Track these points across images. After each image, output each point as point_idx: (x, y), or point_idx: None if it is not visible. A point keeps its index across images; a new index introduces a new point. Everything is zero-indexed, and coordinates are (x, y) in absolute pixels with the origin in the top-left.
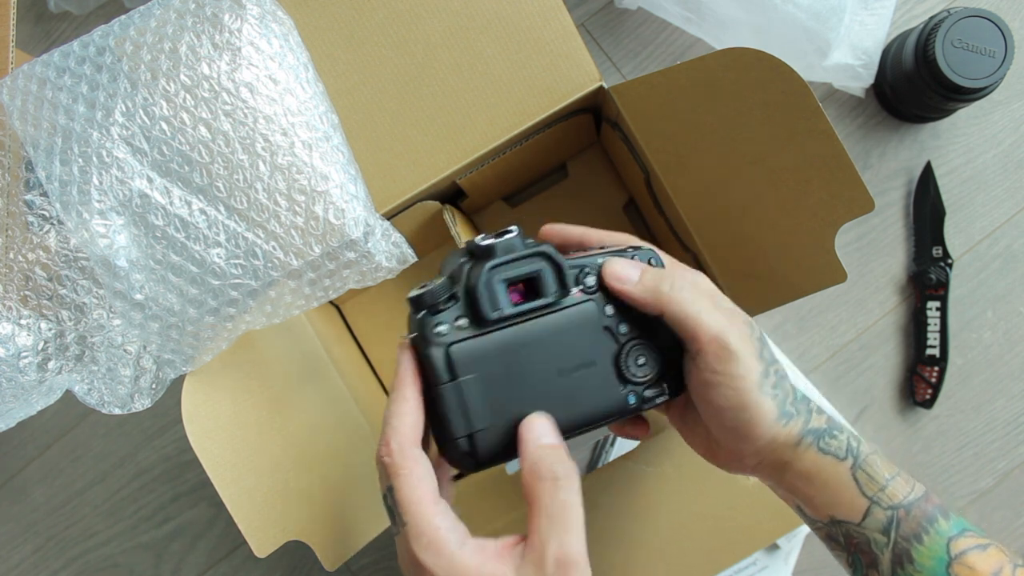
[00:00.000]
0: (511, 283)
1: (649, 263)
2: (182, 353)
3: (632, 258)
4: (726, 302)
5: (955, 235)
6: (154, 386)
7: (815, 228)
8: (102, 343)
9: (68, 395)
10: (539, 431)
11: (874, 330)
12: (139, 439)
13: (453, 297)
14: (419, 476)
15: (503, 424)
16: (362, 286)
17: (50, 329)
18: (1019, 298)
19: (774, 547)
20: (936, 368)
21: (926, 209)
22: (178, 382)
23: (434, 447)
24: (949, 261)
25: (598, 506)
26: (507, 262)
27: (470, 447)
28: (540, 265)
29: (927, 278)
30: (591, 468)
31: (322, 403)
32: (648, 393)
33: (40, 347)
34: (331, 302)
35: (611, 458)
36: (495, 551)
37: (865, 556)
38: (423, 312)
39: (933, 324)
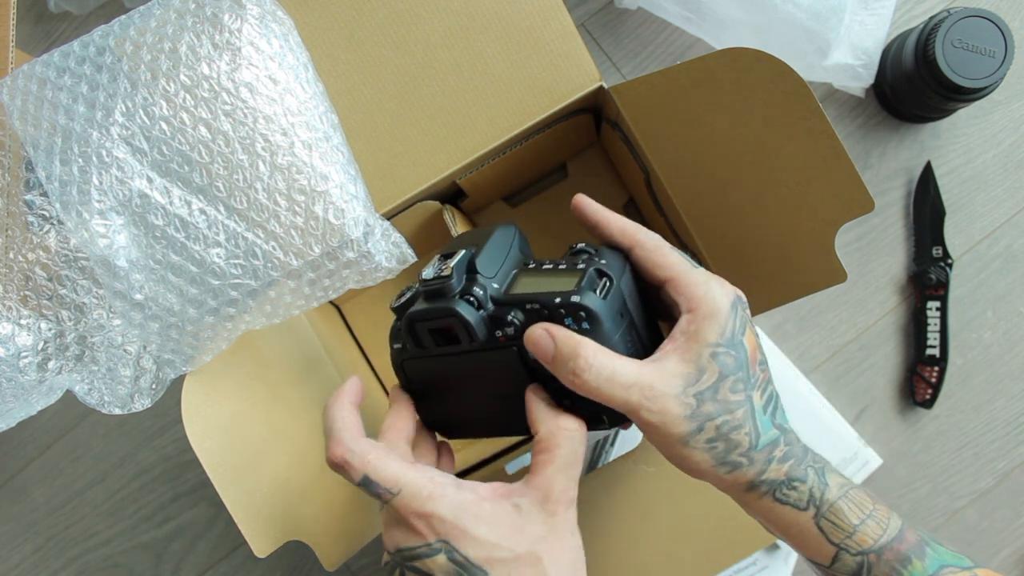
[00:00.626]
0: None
1: (579, 314)
2: (182, 353)
3: (560, 311)
4: (733, 324)
5: (955, 235)
6: (154, 386)
7: (815, 228)
8: (102, 343)
9: (68, 395)
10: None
11: (874, 330)
12: (139, 439)
13: None
14: (384, 454)
15: (458, 417)
16: (362, 286)
17: (50, 329)
18: (1019, 298)
19: (774, 547)
20: (936, 368)
21: (926, 209)
22: (178, 382)
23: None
24: (949, 261)
25: (598, 506)
26: (424, 315)
27: (439, 427)
28: (455, 322)
29: (927, 278)
30: (591, 468)
31: (322, 403)
32: (589, 420)
33: (40, 347)
34: (331, 302)
35: (611, 458)
36: (490, 489)
37: None
38: (393, 323)
39: (933, 324)
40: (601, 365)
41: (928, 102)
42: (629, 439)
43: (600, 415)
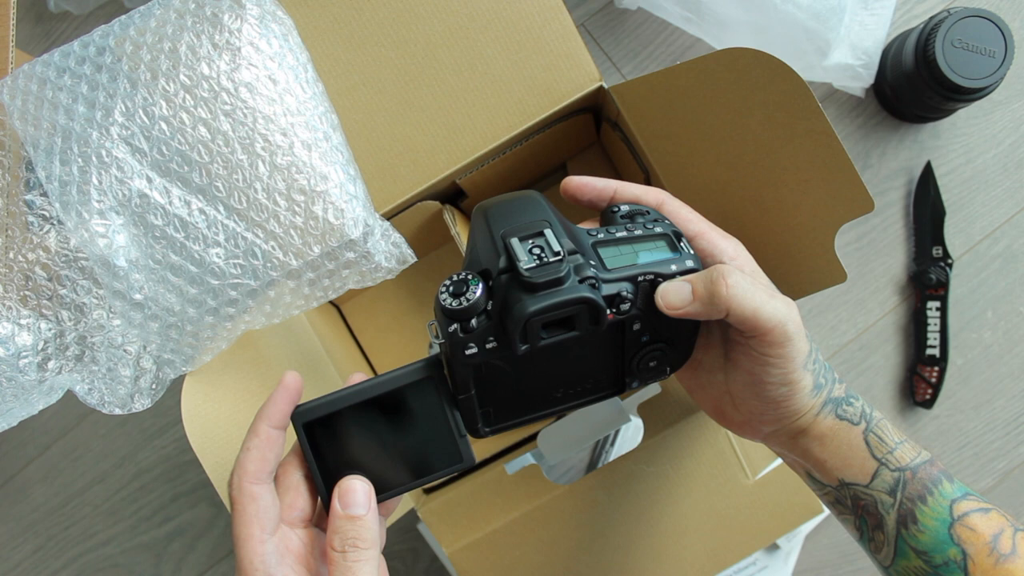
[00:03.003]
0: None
1: (687, 266)
2: (182, 353)
3: (673, 272)
4: (764, 279)
5: (955, 235)
6: (154, 386)
7: (815, 228)
8: (102, 343)
9: (68, 395)
10: (348, 500)
11: (874, 330)
12: (139, 439)
13: (486, 312)
14: (252, 513)
15: (518, 409)
16: (362, 286)
17: (50, 329)
18: (1019, 298)
19: (774, 547)
20: (936, 368)
21: (926, 209)
22: (178, 382)
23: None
24: (949, 261)
25: (598, 506)
26: (549, 309)
27: (496, 413)
28: (580, 309)
29: (927, 278)
30: (591, 468)
31: None
32: (649, 376)
33: (40, 347)
34: (331, 302)
35: (611, 458)
36: None
37: (871, 518)
38: (455, 326)
39: (933, 324)
40: (742, 281)
41: (928, 102)
42: (629, 439)
43: (663, 363)
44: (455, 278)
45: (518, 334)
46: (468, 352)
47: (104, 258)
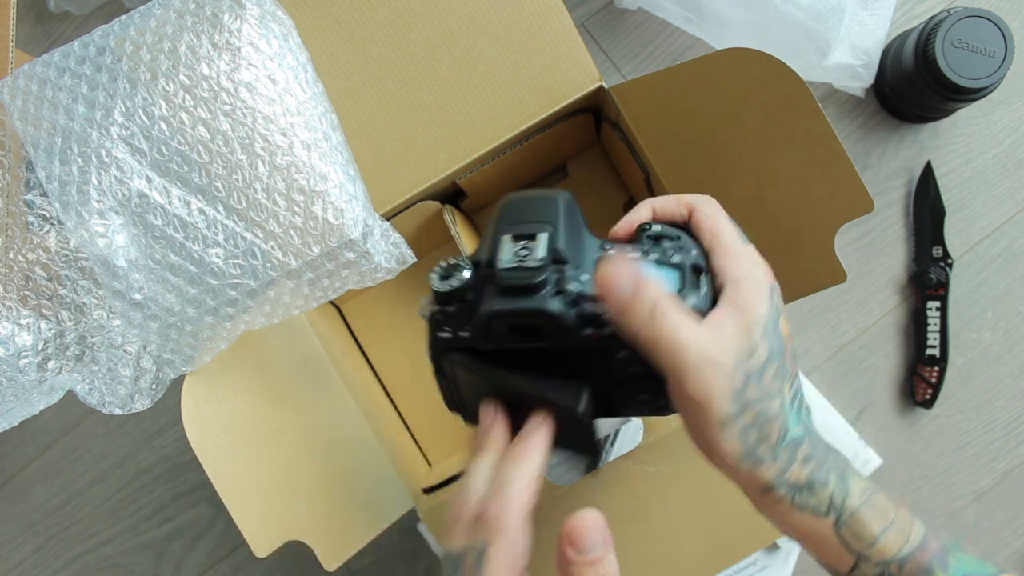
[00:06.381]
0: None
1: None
2: (182, 353)
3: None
4: (767, 316)
5: (955, 235)
6: (154, 386)
7: (815, 228)
8: (102, 343)
9: (68, 395)
10: (583, 543)
11: (874, 330)
12: (139, 439)
13: (467, 301)
14: (518, 553)
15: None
16: (361, 286)
17: (50, 329)
18: (1019, 298)
19: (774, 547)
20: (936, 368)
21: (926, 209)
22: (178, 382)
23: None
24: (949, 261)
25: (598, 506)
26: (510, 315)
27: (464, 414)
28: (543, 321)
29: (927, 278)
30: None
31: (322, 403)
32: (647, 410)
33: (40, 347)
34: (331, 302)
35: (611, 458)
36: None
37: None
38: (436, 308)
39: (933, 324)
40: (673, 316)
41: (928, 102)
42: (629, 439)
43: (659, 400)
44: (450, 261)
45: (480, 334)
46: (441, 335)
47: (104, 258)
